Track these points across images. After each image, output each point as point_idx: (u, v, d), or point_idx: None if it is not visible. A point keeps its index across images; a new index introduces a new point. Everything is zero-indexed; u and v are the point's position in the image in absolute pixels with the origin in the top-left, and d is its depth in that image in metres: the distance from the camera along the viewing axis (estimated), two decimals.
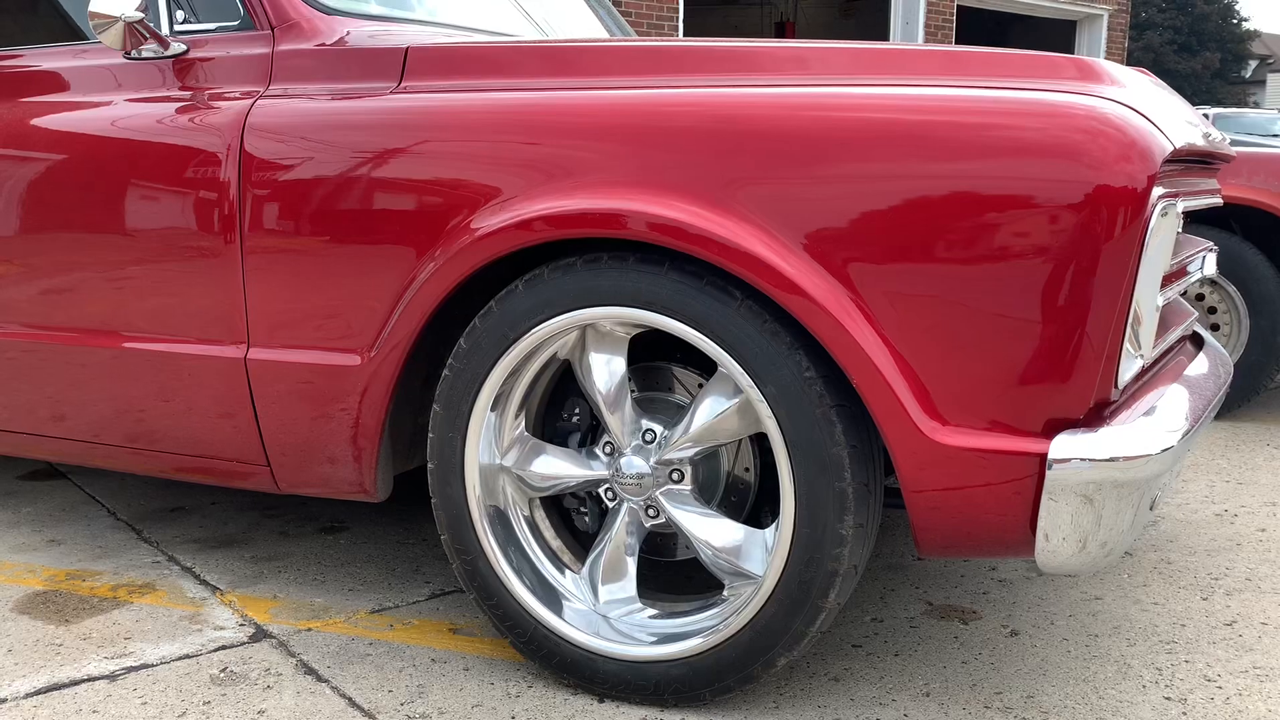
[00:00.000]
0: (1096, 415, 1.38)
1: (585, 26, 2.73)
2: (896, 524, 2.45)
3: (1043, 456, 1.35)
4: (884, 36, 10.54)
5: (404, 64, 1.77)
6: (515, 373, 1.67)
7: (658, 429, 1.64)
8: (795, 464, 1.46)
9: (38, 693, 1.69)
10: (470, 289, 1.70)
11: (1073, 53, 11.82)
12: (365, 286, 1.71)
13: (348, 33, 1.86)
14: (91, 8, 1.85)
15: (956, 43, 10.58)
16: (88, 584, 2.14)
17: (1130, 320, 1.37)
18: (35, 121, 2.07)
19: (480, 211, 1.62)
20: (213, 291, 1.85)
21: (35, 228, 2.04)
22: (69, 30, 2.19)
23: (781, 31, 13.10)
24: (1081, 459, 1.33)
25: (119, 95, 2.01)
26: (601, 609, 1.68)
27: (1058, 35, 12.40)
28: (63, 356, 2.06)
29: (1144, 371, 1.60)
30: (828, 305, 1.40)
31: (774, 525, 1.56)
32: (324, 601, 2.05)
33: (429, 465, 1.74)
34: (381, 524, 2.49)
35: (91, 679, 1.74)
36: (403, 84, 1.76)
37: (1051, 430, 1.37)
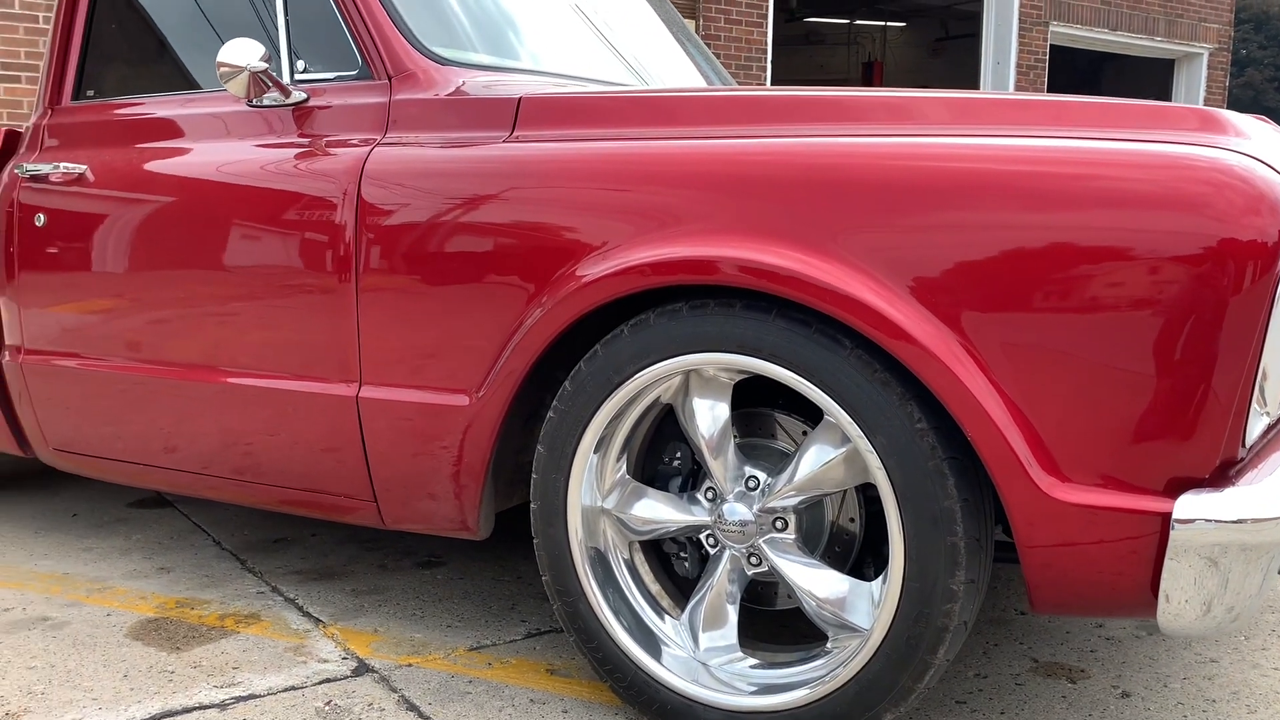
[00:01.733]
0: (1222, 474, 1.34)
1: (685, 74, 2.76)
2: (998, 576, 2.40)
3: (1166, 516, 1.31)
4: (974, 76, 10.44)
5: (516, 114, 1.81)
6: (618, 416, 1.68)
7: (761, 476, 1.63)
8: (905, 517, 1.44)
9: (152, 719, 1.74)
10: (572, 330, 1.72)
11: (1170, 93, 11.52)
12: (475, 329, 1.74)
13: (463, 83, 1.91)
14: (219, 58, 1.93)
15: (1049, 83, 10.43)
16: (196, 612, 2.20)
17: (1259, 377, 1.33)
18: (151, 166, 2.17)
19: (587, 258, 1.64)
20: (326, 332, 1.91)
21: (154, 266, 2.12)
22: (182, 79, 2.29)
23: (869, 71, 13.08)
24: (1207, 520, 1.29)
25: (231, 142, 2.10)
26: (702, 656, 1.67)
27: (1155, 75, 12.14)
28: (176, 391, 2.14)
29: (1269, 429, 1.54)
30: (940, 354, 1.39)
31: (881, 578, 1.53)
32: (423, 637, 2.07)
33: (532, 505, 1.76)
34: (477, 560, 2.52)
35: (202, 707, 1.78)
36: (515, 133, 1.80)
37: (1174, 489, 1.33)
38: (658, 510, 1.70)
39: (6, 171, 2.39)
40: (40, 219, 2.27)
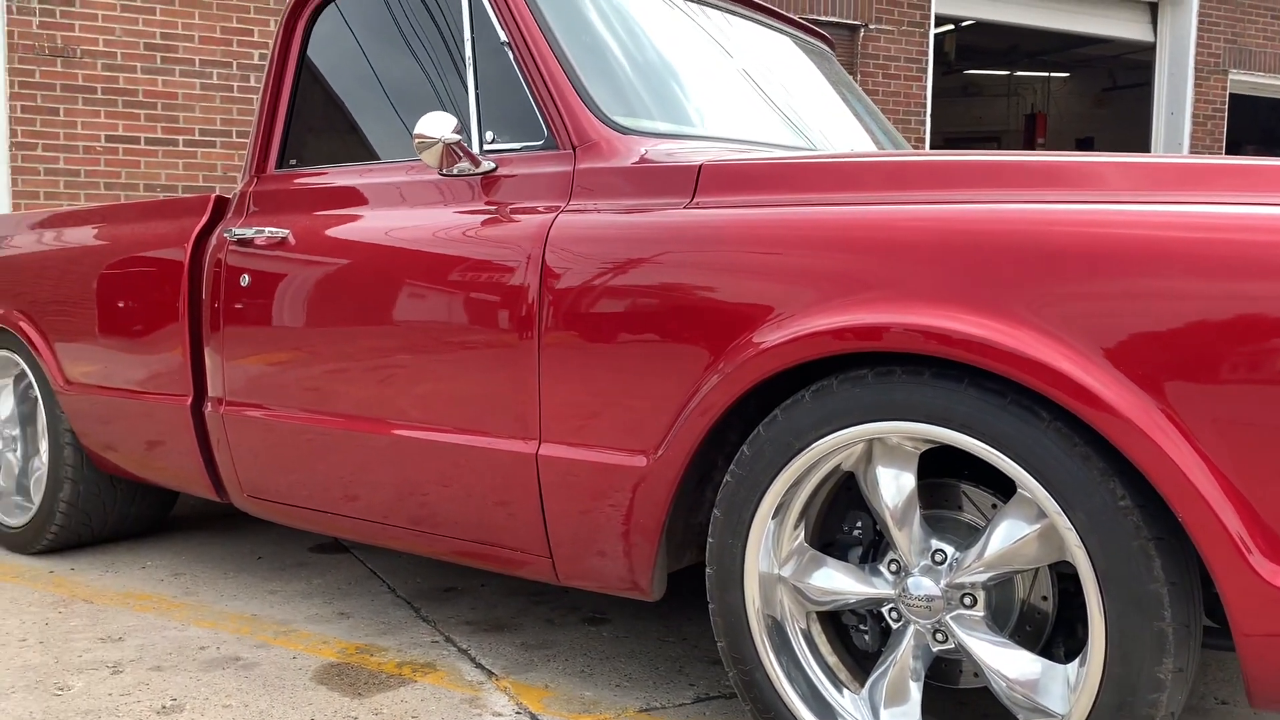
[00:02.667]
0: None
1: (854, 136, 2.76)
2: None
3: None
4: (1144, 127, 10.05)
5: (697, 180, 1.84)
6: (797, 483, 1.67)
7: (948, 550, 1.59)
8: (1107, 599, 1.38)
9: None
10: (749, 393, 1.72)
11: None
12: (654, 391, 1.76)
13: (645, 151, 1.96)
14: (417, 130, 2.04)
15: (1228, 134, 9.93)
16: (375, 659, 2.28)
17: None
18: (345, 231, 2.29)
19: (767, 323, 1.64)
20: (508, 391, 1.96)
21: (344, 325, 2.24)
22: (376, 150, 2.43)
23: (1032, 123, 12.75)
24: None
25: (421, 209, 2.20)
26: None
27: None
28: (360, 443, 2.23)
29: None
30: (1145, 426, 1.33)
31: (1078, 660, 1.46)
32: (594, 695, 2.08)
33: (708, 570, 1.75)
34: (641, 619, 2.53)
35: None
36: (695, 199, 1.83)
37: None
38: (837, 581, 1.67)
39: (215, 235, 2.57)
40: (245, 280, 2.43)
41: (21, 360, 3.13)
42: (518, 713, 2.00)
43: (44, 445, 3.13)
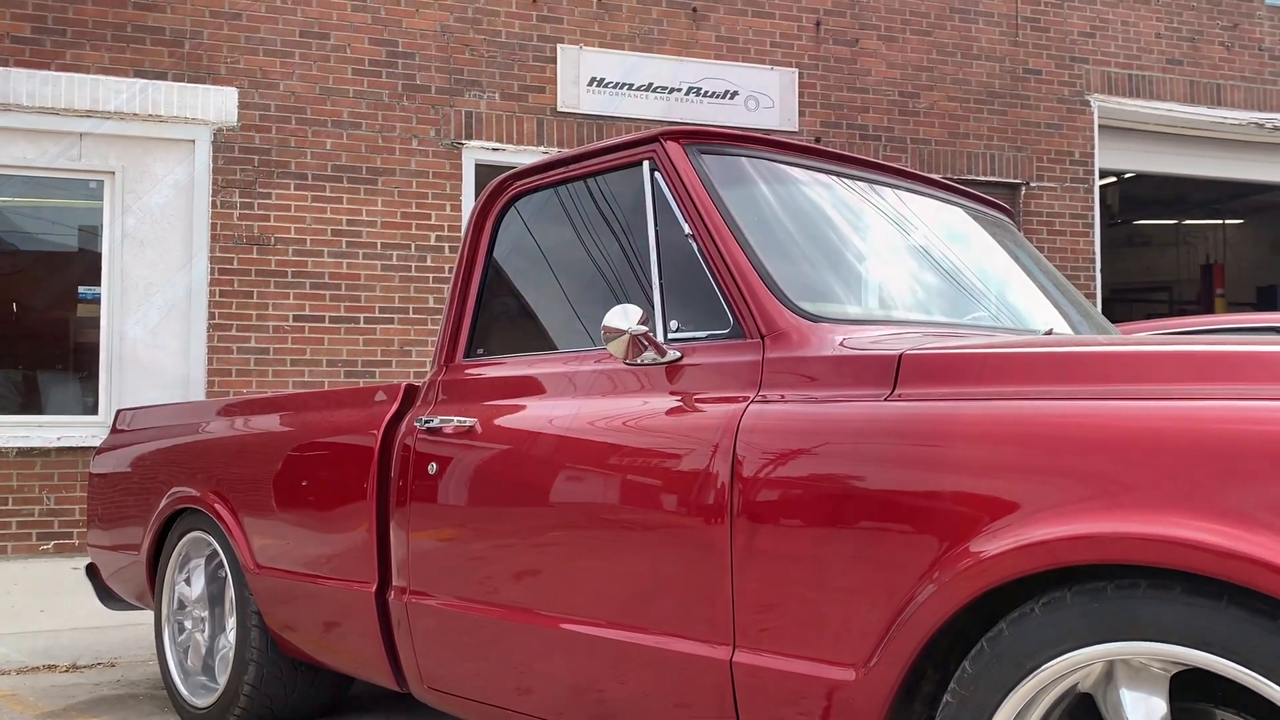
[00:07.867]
0: None
1: (1047, 313, 2.64)
2: None
3: None
4: None
5: (897, 370, 1.77)
6: (1029, 704, 1.51)
7: None
8: None
9: None
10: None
11: None
12: (860, 598, 1.65)
13: (840, 340, 1.90)
14: (605, 322, 2.05)
15: None
16: None
17: None
18: (530, 420, 2.31)
19: (987, 529, 1.53)
20: (698, 593, 1.88)
21: (530, 517, 2.21)
22: (558, 340, 2.46)
23: (1209, 274, 12.22)
24: None
25: (605, 399, 2.19)
26: None
27: None
28: (543, 638, 2.16)
29: None
30: None
31: None
32: None
33: None
34: None
35: None
36: (896, 391, 1.75)
37: None
38: None
39: (405, 422, 2.63)
40: (432, 468, 2.46)
41: (215, 541, 3.24)
42: None
43: (230, 624, 3.20)
